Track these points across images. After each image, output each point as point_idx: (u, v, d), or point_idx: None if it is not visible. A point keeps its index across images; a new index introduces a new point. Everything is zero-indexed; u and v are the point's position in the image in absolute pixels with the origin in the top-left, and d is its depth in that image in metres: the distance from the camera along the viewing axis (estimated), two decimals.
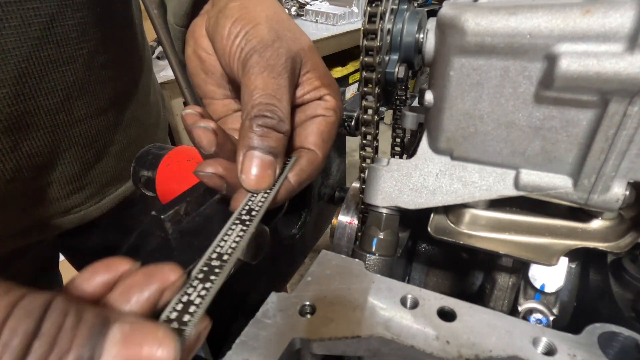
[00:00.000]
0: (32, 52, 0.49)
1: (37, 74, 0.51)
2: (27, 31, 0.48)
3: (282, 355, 0.29)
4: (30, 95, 0.51)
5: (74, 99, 0.57)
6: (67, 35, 0.53)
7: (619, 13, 0.28)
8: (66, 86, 0.55)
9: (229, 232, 0.30)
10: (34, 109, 0.52)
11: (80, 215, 0.66)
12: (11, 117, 0.50)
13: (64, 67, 0.54)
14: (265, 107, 0.35)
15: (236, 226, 0.31)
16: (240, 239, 0.30)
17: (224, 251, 0.28)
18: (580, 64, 0.29)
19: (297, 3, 2.93)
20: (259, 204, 0.34)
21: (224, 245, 0.29)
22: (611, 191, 0.33)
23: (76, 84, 0.56)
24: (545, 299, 0.43)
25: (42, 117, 0.54)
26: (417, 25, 0.42)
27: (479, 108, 0.36)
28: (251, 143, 0.34)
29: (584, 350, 0.29)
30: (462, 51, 0.34)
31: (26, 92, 0.50)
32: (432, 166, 0.41)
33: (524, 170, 0.37)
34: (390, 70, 0.44)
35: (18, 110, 0.50)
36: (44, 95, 0.53)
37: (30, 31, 0.48)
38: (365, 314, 0.32)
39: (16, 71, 0.48)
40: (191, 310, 0.23)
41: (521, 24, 0.31)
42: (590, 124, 0.32)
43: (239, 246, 0.29)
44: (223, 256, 0.28)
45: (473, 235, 0.41)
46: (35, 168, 0.56)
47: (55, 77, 0.53)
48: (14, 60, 0.48)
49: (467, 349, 0.29)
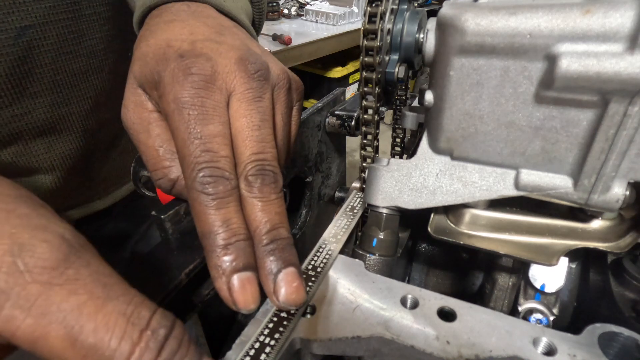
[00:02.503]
0: (65, 65, 0.55)
1: (70, 83, 0.57)
2: (61, 47, 0.53)
3: (282, 355, 0.29)
4: (63, 103, 0.57)
5: (101, 105, 0.63)
6: (95, 48, 0.58)
7: (619, 13, 0.28)
8: (95, 94, 0.61)
9: None
10: (66, 115, 0.58)
11: (96, 204, 0.71)
12: (47, 123, 0.56)
13: (92, 76, 0.59)
14: (270, 230, 0.31)
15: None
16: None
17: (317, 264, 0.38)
18: (581, 64, 0.29)
19: (297, 3, 2.93)
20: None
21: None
22: (611, 191, 0.33)
23: (103, 92, 0.62)
24: (546, 299, 0.43)
25: (73, 122, 0.59)
26: (417, 25, 0.42)
27: (479, 108, 0.36)
28: (273, 269, 0.30)
29: (584, 351, 0.29)
30: (462, 51, 0.34)
31: (60, 100, 0.56)
32: (432, 166, 0.41)
33: (524, 170, 0.37)
34: (390, 70, 0.44)
35: (53, 116, 0.56)
36: (75, 102, 0.59)
37: (64, 46, 0.53)
38: (365, 314, 0.32)
39: (52, 82, 0.54)
40: None
41: (521, 24, 0.31)
42: (590, 124, 0.32)
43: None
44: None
45: (473, 235, 0.41)
46: (67, 168, 0.62)
47: (85, 86, 0.59)
48: (50, 72, 0.53)
49: (467, 349, 0.29)
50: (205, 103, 0.32)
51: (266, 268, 0.30)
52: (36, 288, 0.20)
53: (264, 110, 0.35)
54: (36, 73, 0.52)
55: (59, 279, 0.20)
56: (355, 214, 0.48)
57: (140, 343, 0.21)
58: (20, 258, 0.20)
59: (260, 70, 0.36)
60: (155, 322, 0.22)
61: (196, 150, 0.31)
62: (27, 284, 0.20)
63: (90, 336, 0.20)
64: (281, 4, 2.86)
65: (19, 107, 0.52)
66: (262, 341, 0.30)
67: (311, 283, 0.35)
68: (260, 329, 0.31)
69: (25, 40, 0.49)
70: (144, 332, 0.21)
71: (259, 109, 0.35)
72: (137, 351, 0.21)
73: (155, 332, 0.21)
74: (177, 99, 0.32)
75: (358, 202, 0.50)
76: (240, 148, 0.33)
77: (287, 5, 2.88)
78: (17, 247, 0.20)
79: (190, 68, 0.33)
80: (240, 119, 0.34)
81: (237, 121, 0.34)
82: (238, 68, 0.35)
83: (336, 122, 0.66)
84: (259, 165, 0.33)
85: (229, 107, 0.34)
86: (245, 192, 0.32)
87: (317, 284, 0.36)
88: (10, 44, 0.48)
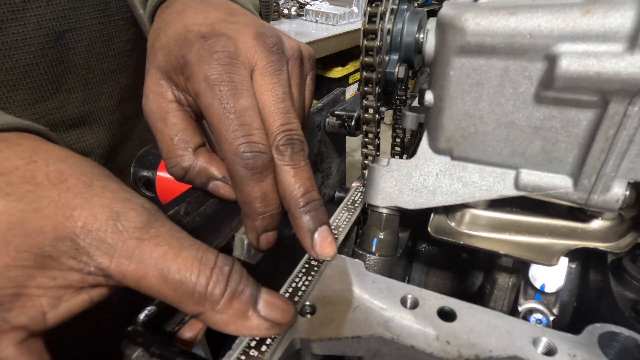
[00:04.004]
0: (96, 65, 0.61)
1: (100, 81, 0.62)
2: (93, 48, 0.59)
3: (282, 355, 0.29)
4: (93, 98, 0.63)
5: (126, 100, 0.69)
6: (122, 49, 0.64)
7: (619, 13, 0.28)
8: (120, 90, 0.67)
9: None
10: (96, 109, 0.64)
11: None
12: (79, 116, 0.62)
13: (119, 75, 0.66)
14: (305, 193, 0.37)
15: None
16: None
17: None
18: (581, 64, 0.29)
19: (297, 3, 2.93)
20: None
21: None
22: (611, 191, 0.33)
23: (128, 88, 0.68)
24: (546, 299, 0.43)
25: (102, 116, 0.65)
26: (417, 25, 0.42)
27: (479, 108, 0.36)
28: (310, 227, 0.37)
29: (584, 351, 0.29)
30: (462, 51, 0.34)
31: (91, 96, 0.62)
32: (432, 166, 0.41)
33: (524, 170, 0.37)
34: (391, 70, 0.44)
35: (84, 110, 0.62)
36: (104, 98, 0.65)
37: (95, 48, 0.59)
38: (365, 314, 0.32)
39: (84, 80, 0.60)
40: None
41: (521, 24, 0.31)
42: (590, 124, 0.32)
43: None
44: None
45: (473, 235, 0.41)
46: (96, 159, 0.67)
47: (113, 83, 0.65)
48: (82, 71, 0.59)
49: (467, 349, 0.29)
50: (234, 78, 0.35)
51: (304, 227, 0.36)
52: (133, 242, 0.26)
53: (284, 82, 0.38)
54: (71, 72, 0.57)
55: (146, 235, 0.26)
56: (356, 207, 0.49)
57: (212, 277, 0.27)
58: (119, 222, 0.26)
59: (278, 43, 0.38)
60: (220, 261, 0.28)
61: (232, 124, 0.34)
62: (126, 240, 0.26)
63: (176, 274, 0.26)
64: (281, 4, 2.87)
65: (55, 101, 0.57)
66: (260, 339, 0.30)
67: (315, 269, 0.38)
68: None
69: (63, 43, 0.54)
70: (213, 269, 0.27)
71: (280, 82, 0.37)
72: (211, 283, 0.27)
73: (221, 269, 0.28)
74: (207, 77, 0.35)
75: (359, 197, 0.51)
76: (269, 120, 0.36)
77: (287, 5, 2.88)
78: (115, 214, 0.26)
79: (214, 46, 0.35)
80: (266, 92, 0.36)
81: (263, 95, 0.36)
82: (257, 43, 0.37)
83: (336, 122, 0.66)
84: (287, 135, 0.36)
85: (253, 80, 0.37)
86: (278, 161, 0.36)
87: (319, 275, 0.37)
88: (50, 47, 0.53)
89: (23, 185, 0.25)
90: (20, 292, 0.24)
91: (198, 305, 0.27)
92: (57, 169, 0.27)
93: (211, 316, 0.27)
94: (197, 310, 0.27)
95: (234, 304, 0.28)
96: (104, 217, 0.26)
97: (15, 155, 0.27)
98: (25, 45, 0.51)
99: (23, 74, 0.52)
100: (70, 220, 0.25)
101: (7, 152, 0.27)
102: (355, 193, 0.51)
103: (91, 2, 0.56)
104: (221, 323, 0.28)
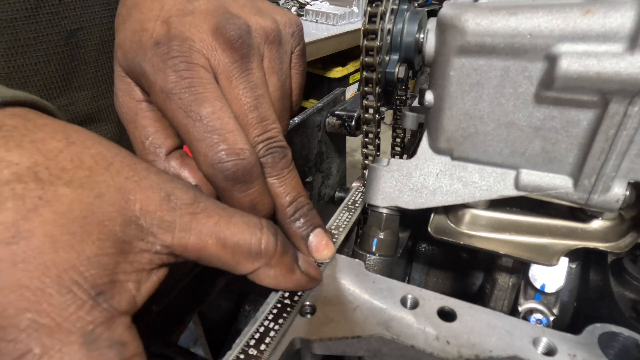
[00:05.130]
0: (105, 63, 0.61)
1: (108, 79, 0.62)
2: (102, 47, 0.59)
3: (282, 355, 0.29)
4: (102, 96, 0.62)
5: None
6: None
7: (619, 13, 0.28)
8: None
9: None
10: (104, 107, 0.64)
11: None
12: (88, 113, 0.62)
13: None
14: (295, 201, 0.38)
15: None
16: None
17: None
18: (581, 64, 0.29)
19: (297, 3, 2.93)
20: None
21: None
22: (611, 191, 0.33)
23: None
24: (546, 299, 0.43)
25: (110, 114, 0.65)
26: (417, 25, 0.42)
27: (479, 108, 0.36)
28: (302, 234, 0.38)
29: (584, 351, 0.29)
30: (463, 51, 0.34)
31: (99, 94, 0.62)
32: (433, 166, 0.41)
33: (524, 170, 0.37)
34: (391, 70, 0.44)
35: (93, 108, 0.62)
36: (112, 96, 0.61)
37: (105, 46, 0.59)
38: (365, 314, 0.32)
39: (93, 78, 0.60)
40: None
41: (521, 24, 0.31)
42: (590, 124, 0.32)
43: None
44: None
45: (473, 235, 0.41)
46: None
47: None
48: (92, 69, 0.59)
49: (467, 349, 0.29)
50: (193, 83, 0.32)
51: (297, 234, 0.37)
52: (188, 217, 0.28)
53: (256, 83, 0.35)
54: (80, 70, 0.58)
55: (197, 209, 0.28)
56: (356, 208, 0.49)
57: (263, 236, 0.30)
58: (172, 201, 0.27)
59: (241, 36, 0.34)
60: (264, 222, 0.31)
61: (200, 132, 0.32)
62: (182, 215, 0.27)
63: (231, 238, 0.29)
64: (281, 4, 2.86)
65: (65, 98, 0.58)
66: (259, 338, 0.30)
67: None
68: (255, 326, 0.31)
69: (74, 41, 0.55)
70: (262, 229, 0.31)
71: (250, 85, 0.34)
72: (263, 241, 0.30)
73: (269, 228, 0.31)
74: (163, 88, 0.32)
75: (359, 197, 0.51)
76: (244, 129, 0.34)
77: (287, 5, 2.88)
78: (166, 194, 0.27)
79: (168, 53, 0.32)
80: (234, 101, 0.34)
81: (232, 104, 0.34)
82: (216, 40, 0.34)
83: (336, 122, 0.66)
84: (266, 145, 0.35)
85: (219, 85, 0.34)
86: None
87: (322, 270, 0.37)
88: (62, 44, 0.54)
89: (77, 170, 0.25)
90: (114, 279, 0.24)
91: (255, 262, 0.30)
92: (97, 151, 0.26)
93: (265, 271, 0.31)
94: (253, 268, 0.30)
95: (284, 259, 0.32)
96: (157, 198, 0.27)
97: (49, 137, 0.25)
98: (38, 42, 0.51)
99: (35, 72, 0.52)
100: (130, 204, 0.26)
101: (37, 132, 0.25)
102: (356, 193, 0.51)
103: (102, 1, 0.57)
104: (273, 277, 0.31)
